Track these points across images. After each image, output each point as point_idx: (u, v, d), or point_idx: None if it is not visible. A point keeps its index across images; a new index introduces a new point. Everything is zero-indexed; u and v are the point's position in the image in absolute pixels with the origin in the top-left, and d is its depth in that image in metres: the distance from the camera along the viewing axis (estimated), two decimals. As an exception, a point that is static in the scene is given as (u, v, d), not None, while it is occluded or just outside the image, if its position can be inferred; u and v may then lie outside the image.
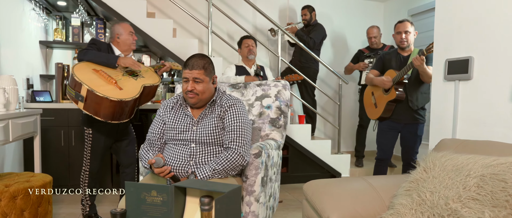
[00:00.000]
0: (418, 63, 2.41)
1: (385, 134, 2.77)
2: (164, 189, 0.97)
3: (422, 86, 2.65)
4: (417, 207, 1.32)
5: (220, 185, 0.95)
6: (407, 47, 2.70)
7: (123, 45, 2.39)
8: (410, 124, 2.67)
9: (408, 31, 2.66)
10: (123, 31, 2.39)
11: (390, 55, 2.77)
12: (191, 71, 1.63)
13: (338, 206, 1.46)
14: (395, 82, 2.59)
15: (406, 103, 2.64)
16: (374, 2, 4.90)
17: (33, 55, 3.35)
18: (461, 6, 1.86)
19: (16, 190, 2.02)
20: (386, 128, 2.76)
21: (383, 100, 2.70)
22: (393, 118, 2.71)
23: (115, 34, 2.39)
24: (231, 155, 1.59)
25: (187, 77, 1.65)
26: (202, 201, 0.96)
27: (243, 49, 3.18)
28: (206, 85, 1.65)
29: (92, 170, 2.42)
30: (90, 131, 2.35)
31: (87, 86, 2.01)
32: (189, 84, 1.63)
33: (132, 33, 2.43)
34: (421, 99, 2.66)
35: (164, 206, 0.97)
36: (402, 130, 2.72)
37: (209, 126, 1.65)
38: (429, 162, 1.42)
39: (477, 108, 1.78)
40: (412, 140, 2.68)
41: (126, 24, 2.45)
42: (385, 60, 2.78)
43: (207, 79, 1.65)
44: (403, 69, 2.52)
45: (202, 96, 1.64)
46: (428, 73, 2.47)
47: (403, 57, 2.70)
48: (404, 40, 2.65)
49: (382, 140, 2.79)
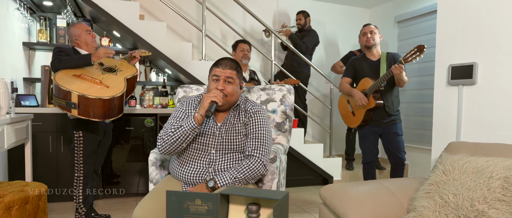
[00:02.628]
0: (398, 71, 2.46)
1: (367, 139, 2.81)
2: (210, 197, 0.93)
3: (394, 90, 2.73)
4: (440, 209, 1.34)
5: (268, 192, 0.93)
6: (374, 47, 2.72)
7: (84, 45, 2.42)
8: (388, 125, 2.73)
9: (373, 32, 2.71)
10: (80, 31, 2.41)
11: (360, 61, 2.80)
12: (224, 70, 1.59)
13: (360, 209, 1.47)
14: (371, 92, 2.63)
15: (383, 109, 2.70)
16: (359, 8, 5.01)
17: (17, 57, 3.18)
18: (464, 13, 1.93)
19: (11, 201, 1.90)
20: (368, 133, 2.79)
21: (361, 109, 2.74)
22: (372, 123, 2.76)
23: (73, 37, 2.42)
24: (253, 163, 1.56)
25: (218, 76, 1.59)
26: (250, 209, 0.94)
27: (237, 52, 3.16)
28: (236, 88, 1.61)
29: (87, 174, 2.36)
30: (80, 134, 2.33)
31: (77, 93, 2.03)
32: (219, 84, 1.58)
33: (90, 32, 2.44)
34: (396, 103, 2.74)
35: (209, 215, 0.94)
36: (382, 133, 2.77)
37: (233, 132, 1.61)
38: (447, 164, 1.46)
39: (481, 112, 1.85)
40: (395, 140, 2.72)
41: (81, 24, 2.46)
42: (356, 67, 2.81)
43: (237, 81, 1.62)
44: (380, 79, 2.55)
45: (230, 98, 1.60)
46: (404, 79, 2.57)
47: (373, 62, 2.73)
48: (370, 38, 2.69)
49: (366, 144, 2.82)
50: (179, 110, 1.66)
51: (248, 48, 3.16)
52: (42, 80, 3.11)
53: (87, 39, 2.41)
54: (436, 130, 2.11)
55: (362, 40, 2.75)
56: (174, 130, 1.53)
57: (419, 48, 2.33)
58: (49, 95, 3.13)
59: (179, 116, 1.63)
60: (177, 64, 3.25)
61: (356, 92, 2.69)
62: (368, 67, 2.73)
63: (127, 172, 3.29)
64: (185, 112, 1.65)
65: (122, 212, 2.82)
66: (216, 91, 1.53)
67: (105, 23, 3.49)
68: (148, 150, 3.30)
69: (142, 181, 3.32)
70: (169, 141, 1.53)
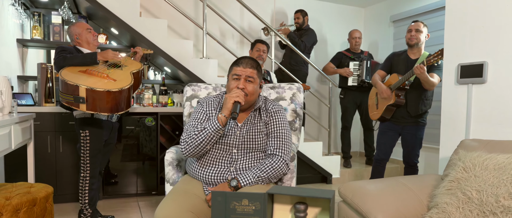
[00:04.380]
0: (419, 72, 2.46)
1: (385, 135, 2.84)
2: (257, 197, 0.92)
3: (424, 92, 2.70)
4: (463, 205, 1.37)
5: (316, 191, 0.92)
6: (416, 46, 2.70)
7: (86, 44, 2.38)
8: (410, 126, 2.74)
9: (419, 30, 2.68)
10: (80, 30, 2.37)
11: (400, 57, 2.80)
12: (245, 69, 1.57)
13: (383, 207, 1.49)
14: (394, 88, 2.66)
15: (405, 108, 2.71)
16: (354, 8, 5.06)
17: (12, 54, 3.08)
18: (473, 13, 1.97)
19: (19, 203, 1.83)
20: (386, 129, 2.83)
21: (383, 103, 2.78)
22: (393, 120, 2.79)
23: (74, 36, 2.37)
24: (276, 162, 1.55)
25: (238, 75, 1.58)
26: (298, 208, 0.93)
27: (254, 52, 3.17)
28: (256, 87, 1.60)
29: (93, 174, 2.31)
30: (87, 132, 2.28)
31: (85, 86, 1.98)
32: (240, 83, 1.56)
33: (90, 30, 2.41)
34: (421, 105, 2.71)
35: (256, 215, 0.93)
36: (402, 132, 2.79)
37: (254, 132, 1.60)
38: (467, 161, 1.49)
39: (491, 110, 1.89)
40: (412, 142, 2.75)
41: (81, 23, 2.42)
42: (393, 61, 2.83)
43: (257, 81, 1.61)
44: (404, 76, 2.58)
45: (250, 98, 1.58)
46: (429, 81, 2.54)
47: (411, 60, 2.73)
48: (413, 37, 2.67)
49: (382, 140, 2.85)
50: (199, 111, 1.64)
51: (265, 49, 3.17)
52: (39, 78, 3.01)
53: (88, 37, 2.36)
54: (445, 128, 2.15)
55: (406, 37, 2.74)
56: (197, 132, 1.50)
57: (442, 52, 2.36)
58: (46, 93, 3.04)
59: (200, 117, 1.61)
60: (178, 63, 3.21)
61: (380, 85, 2.72)
62: (404, 64, 2.73)
63: (124, 172, 3.22)
64: (206, 112, 1.63)
65: (124, 213, 2.77)
66: (238, 91, 1.52)
67: (102, 20, 3.41)
68: (144, 149, 3.25)
69: (141, 181, 3.26)
70: (194, 144, 1.50)
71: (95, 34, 2.40)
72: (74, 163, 2.97)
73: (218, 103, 1.67)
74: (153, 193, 3.29)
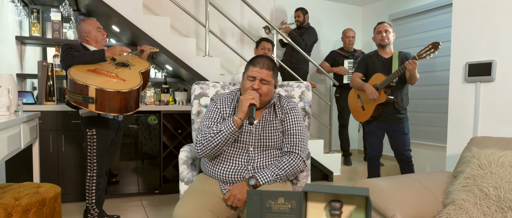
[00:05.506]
0: (412, 67, 2.51)
1: (374, 134, 2.86)
2: (293, 195, 0.92)
3: (405, 88, 2.79)
4: (481, 202, 1.39)
5: (351, 189, 0.93)
6: (387, 46, 2.78)
7: (94, 42, 2.36)
8: (396, 123, 2.79)
9: (388, 31, 2.77)
10: (91, 28, 2.34)
11: (372, 58, 2.85)
12: (261, 71, 1.57)
13: (400, 204, 1.50)
14: (383, 87, 2.69)
15: (392, 105, 2.76)
16: (353, 6, 5.09)
17: (11, 52, 3.01)
18: (481, 12, 2.00)
19: (29, 203, 1.80)
20: (374, 128, 2.85)
21: (372, 103, 2.79)
22: (380, 119, 2.82)
23: (83, 33, 2.34)
24: (294, 160, 1.55)
25: (254, 76, 1.57)
26: (334, 206, 0.94)
27: (259, 50, 3.17)
28: (271, 88, 1.59)
29: (100, 174, 2.29)
30: (93, 132, 2.26)
31: (95, 86, 1.95)
32: (255, 83, 1.56)
33: (101, 29, 2.38)
34: (405, 100, 2.80)
35: (292, 213, 0.93)
36: (389, 130, 2.83)
37: (270, 129, 1.60)
38: (482, 158, 1.51)
39: (499, 108, 1.93)
40: (401, 138, 2.79)
41: (93, 20, 2.38)
42: (367, 63, 2.87)
43: (272, 81, 1.60)
44: (393, 74, 2.61)
45: (264, 98, 1.57)
46: (416, 76, 2.63)
47: (385, 59, 2.80)
48: (385, 37, 2.74)
49: (373, 139, 2.87)
50: (212, 110, 1.63)
51: (270, 48, 3.17)
52: (39, 76, 2.96)
53: (97, 36, 2.33)
54: (452, 126, 2.18)
55: (377, 39, 2.79)
56: (213, 135, 1.50)
57: (434, 45, 2.39)
58: (47, 92, 2.99)
59: (214, 116, 1.61)
60: (182, 61, 3.19)
61: (368, 87, 2.73)
62: (380, 64, 2.78)
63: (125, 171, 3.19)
64: (220, 110, 1.62)
65: (129, 213, 2.74)
66: (253, 92, 1.51)
67: (102, 17, 3.36)
68: (145, 148, 3.22)
69: (142, 180, 3.24)
70: (210, 146, 1.50)
71: (104, 33, 2.37)
72: (77, 162, 2.93)
73: (232, 101, 1.67)
74: (156, 192, 3.27)
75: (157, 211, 2.79)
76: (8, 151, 1.55)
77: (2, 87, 1.87)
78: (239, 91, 1.71)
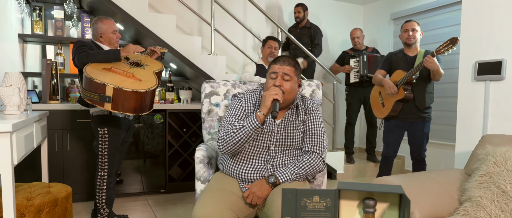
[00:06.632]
0: (429, 64, 2.51)
1: (392, 132, 2.87)
2: (328, 193, 0.93)
3: (428, 86, 2.77)
4: (498, 199, 1.41)
5: (386, 187, 0.93)
6: (414, 45, 2.78)
7: (107, 43, 2.34)
8: (417, 122, 2.79)
9: (415, 29, 2.77)
10: (106, 29, 2.32)
11: (397, 56, 2.87)
12: (282, 67, 1.56)
13: (417, 202, 1.52)
14: (402, 83, 2.70)
15: (413, 103, 2.76)
16: (354, 5, 5.11)
17: (14, 50, 2.98)
18: (491, 11, 2.02)
19: (41, 204, 1.79)
20: (393, 126, 2.86)
21: (391, 100, 2.81)
22: (400, 116, 2.82)
23: (98, 33, 2.32)
24: (314, 159, 1.55)
25: (276, 72, 1.56)
26: (368, 204, 0.94)
27: (265, 49, 3.17)
28: (293, 86, 1.59)
29: (111, 173, 2.28)
30: (105, 130, 2.25)
31: (113, 85, 1.92)
32: (277, 80, 1.55)
33: (116, 32, 2.36)
34: (428, 98, 2.78)
35: (327, 211, 0.93)
36: (409, 128, 2.83)
37: (291, 129, 1.59)
38: (497, 156, 1.53)
39: (509, 106, 1.95)
40: (420, 137, 2.80)
41: (109, 21, 2.35)
42: (392, 60, 2.89)
43: (295, 79, 1.59)
44: (411, 70, 2.62)
45: (287, 96, 1.57)
46: (440, 71, 2.60)
47: (409, 57, 2.81)
48: (411, 37, 2.75)
49: (389, 138, 2.89)
50: (236, 107, 1.62)
51: (276, 46, 3.17)
52: (43, 75, 2.93)
53: (111, 38, 2.32)
54: (461, 124, 2.21)
55: (403, 37, 2.80)
56: (236, 130, 1.49)
57: (452, 41, 2.39)
58: (51, 91, 2.96)
59: (237, 113, 1.59)
60: (187, 59, 3.18)
61: (387, 81, 2.75)
62: (404, 62, 2.78)
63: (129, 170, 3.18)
64: (244, 108, 1.62)
65: (137, 212, 2.73)
66: (276, 89, 1.50)
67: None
68: (149, 146, 3.21)
69: (147, 179, 3.22)
70: (232, 141, 1.49)
71: (119, 36, 2.36)
72: (82, 161, 2.91)
73: (256, 99, 1.66)
74: (162, 191, 3.25)
75: (164, 210, 2.78)
76: (25, 150, 1.54)
77: (13, 86, 1.85)
78: (262, 90, 1.70)
